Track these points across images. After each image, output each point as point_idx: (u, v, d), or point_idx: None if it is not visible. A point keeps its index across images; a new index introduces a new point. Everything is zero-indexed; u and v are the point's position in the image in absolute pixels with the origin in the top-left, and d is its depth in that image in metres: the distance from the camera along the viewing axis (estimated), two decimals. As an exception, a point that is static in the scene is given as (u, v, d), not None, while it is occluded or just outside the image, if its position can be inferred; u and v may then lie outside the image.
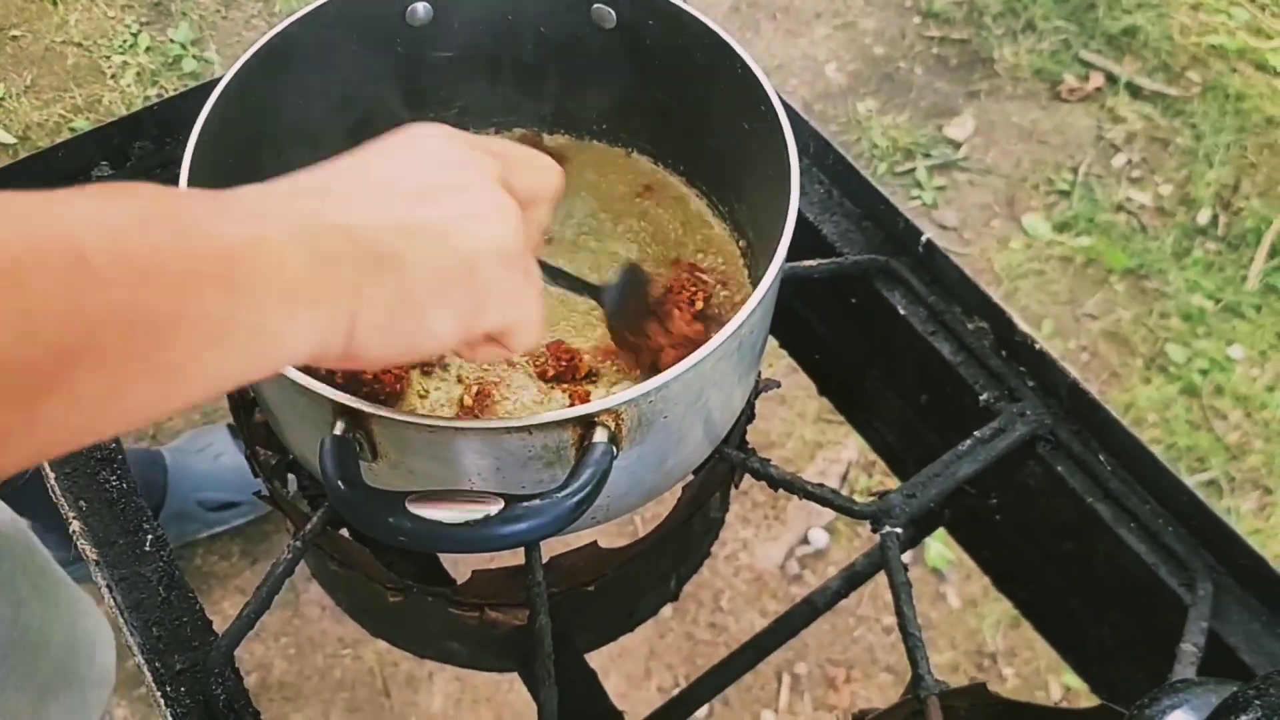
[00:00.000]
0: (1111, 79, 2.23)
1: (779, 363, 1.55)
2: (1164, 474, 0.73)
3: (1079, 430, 0.77)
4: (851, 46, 2.25)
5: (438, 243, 0.47)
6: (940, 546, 1.66)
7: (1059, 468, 0.76)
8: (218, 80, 0.68)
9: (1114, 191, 2.10)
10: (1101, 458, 0.76)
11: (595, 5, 0.76)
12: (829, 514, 1.70)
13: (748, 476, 0.79)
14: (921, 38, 2.27)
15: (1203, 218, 2.07)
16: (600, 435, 0.57)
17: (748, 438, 0.81)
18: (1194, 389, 1.88)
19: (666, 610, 1.60)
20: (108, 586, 0.68)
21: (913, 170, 2.08)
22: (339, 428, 0.57)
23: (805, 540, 1.68)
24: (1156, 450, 1.88)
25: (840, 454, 1.76)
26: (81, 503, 0.71)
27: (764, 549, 1.67)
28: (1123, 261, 2.01)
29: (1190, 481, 1.84)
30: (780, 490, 0.76)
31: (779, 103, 0.69)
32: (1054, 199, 2.08)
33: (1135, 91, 2.21)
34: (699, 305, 0.76)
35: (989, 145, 2.14)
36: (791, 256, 0.82)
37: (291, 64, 0.72)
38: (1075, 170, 2.11)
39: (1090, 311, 1.97)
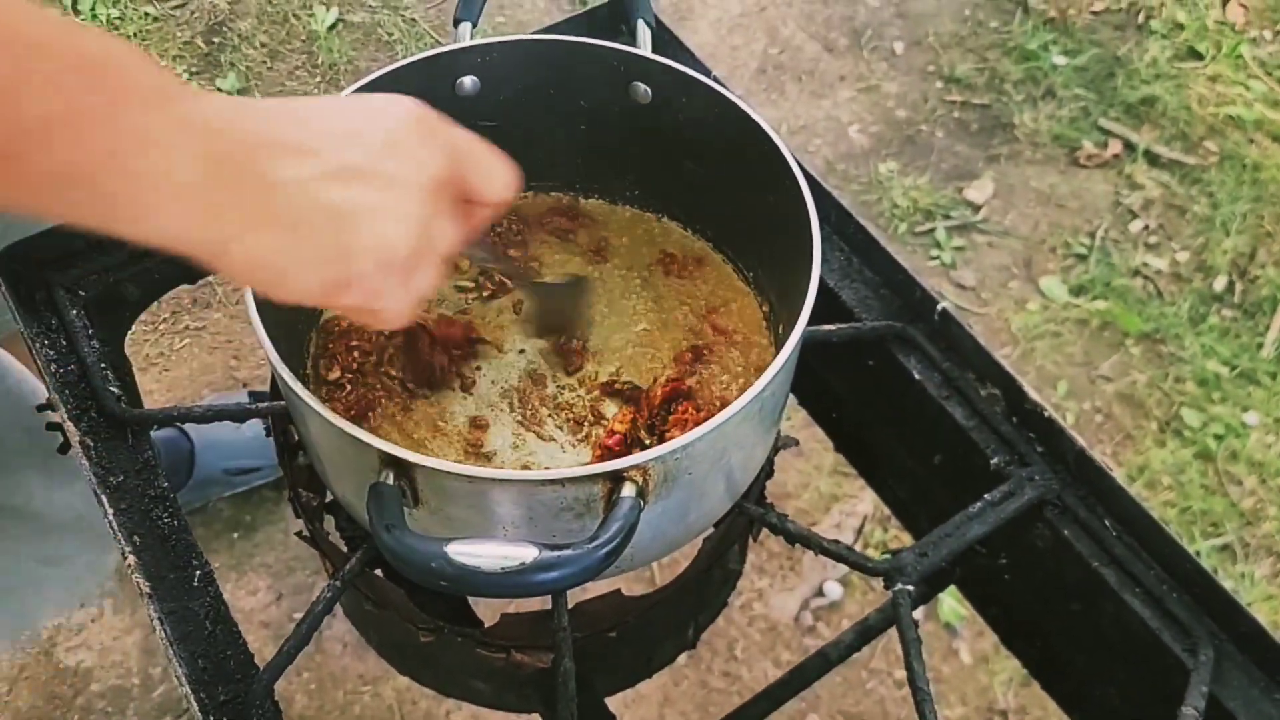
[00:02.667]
0: (1130, 146, 2.27)
1: (796, 415, 1.58)
2: (1168, 541, 0.76)
3: (1085, 496, 0.80)
4: (874, 109, 2.30)
5: (331, 225, 0.51)
6: (953, 602, 1.68)
7: (1065, 531, 0.79)
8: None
9: (1131, 257, 2.13)
10: (1107, 523, 0.79)
11: (632, 82, 0.81)
12: (844, 566, 1.73)
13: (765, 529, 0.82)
14: (943, 102, 2.32)
15: (1219, 285, 2.10)
16: (628, 490, 0.61)
17: (765, 487, 0.84)
18: (1209, 454, 1.90)
19: (681, 658, 1.63)
20: (158, 619, 0.71)
21: (932, 230, 2.13)
22: (386, 476, 0.61)
23: (820, 592, 1.70)
24: (1171, 514, 1.89)
25: (856, 507, 1.79)
26: (136, 538, 0.75)
27: (779, 600, 1.70)
28: (1138, 326, 2.04)
29: (1204, 546, 1.85)
30: (797, 545, 0.79)
31: (801, 175, 0.73)
32: (1071, 262, 2.11)
33: (1153, 159, 2.25)
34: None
35: (1008, 208, 2.18)
36: (812, 320, 0.87)
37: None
38: (1092, 235, 2.15)
39: (1105, 374, 1.99)
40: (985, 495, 0.79)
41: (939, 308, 0.85)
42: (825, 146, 2.24)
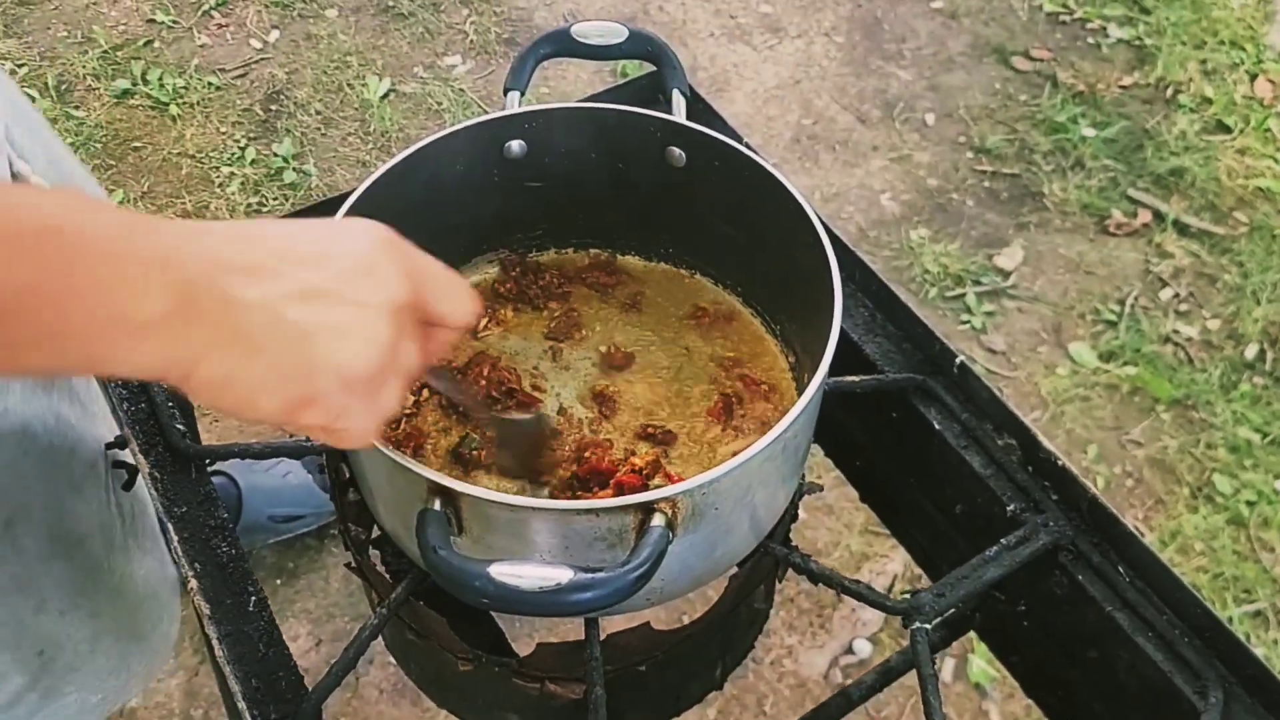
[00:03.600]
0: (1159, 216, 2.31)
1: (827, 475, 1.62)
2: (1179, 586, 0.79)
3: (1099, 542, 0.83)
4: (906, 178, 2.36)
5: (294, 344, 0.52)
6: (983, 663, 1.69)
7: (1080, 577, 0.82)
8: (343, 198, 0.80)
9: (1161, 324, 2.16)
10: (1120, 569, 0.82)
11: (668, 147, 0.87)
12: (874, 624, 1.75)
13: (794, 582, 0.86)
14: (974, 172, 2.38)
15: (1250, 353, 2.12)
16: (658, 520, 0.65)
17: (797, 544, 0.88)
18: (1241, 520, 1.90)
19: (711, 711, 1.65)
20: (217, 639, 0.76)
21: (963, 296, 2.17)
22: (434, 503, 0.65)
23: (850, 650, 1.72)
24: (1203, 580, 1.90)
25: (886, 566, 1.81)
26: (197, 564, 0.81)
27: (808, 656, 1.72)
28: (1169, 392, 2.06)
29: (1237, 613, 1.85)
30: (819, 585, 0.83)
31: (825, 234, 0.78)
32: (1101, 328, 2.14)
33: (1183, 229, 2.29)
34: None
35: (1037, 275, 2.22)
36: (837, 372, 0.91)
37: (407, 186, 0.83)
38: (1122, 302, 2.18)
39: (1136, 439, 2.01)
40: (1001, 540, 0.82)
41: (957, 361, 0.89)
42: (858, 213, 2.30)
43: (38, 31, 2.50)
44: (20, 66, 2.41)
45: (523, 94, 0.90)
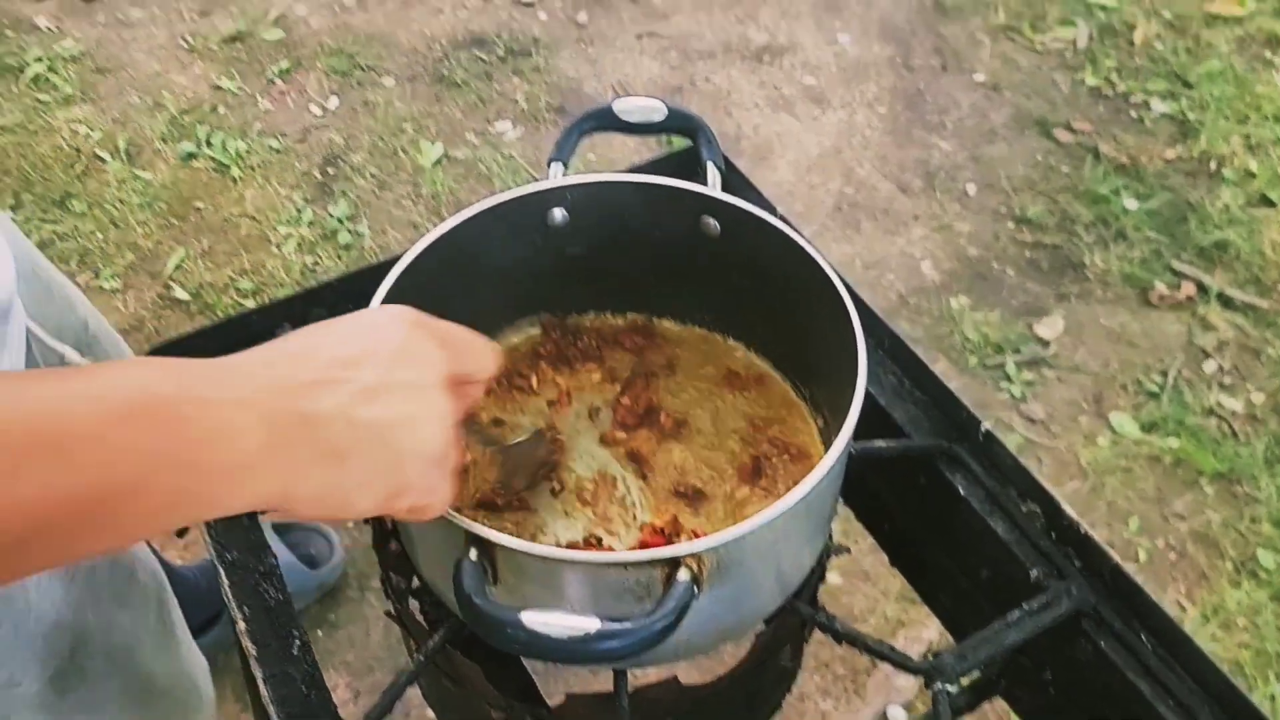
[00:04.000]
0: (1203, 289, 2.31)
1: (864, 541, 1.63)
2: (1200, 656, 0.80)
3: (1121, 609, 0.84)
4: (947, 247, 2.39)
5: (376, 442, 0.56)
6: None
7: (1102, 643, 0.83)
8: (392, 262, 0.85)
9: (1204, 396, 2.15)
10: (1143, 636, 0.83)
11: (703, 217, 0.91)
12: (908, 690, 1.74)
13: (829, 647, 0.88)
14: (1014, 241, 2.40)
15: (1295, 427, 2.11)
16: (684, 574, 0.68)
17: (834, 609, 0.90)
18: (1285, 596, 1.88)
19: (743, 775, 1.65)
20: (263, 680, 0.80)
21: (1002, 364, 2.18)
22: (472, 553, 0.69)
23: (884, 716, 1.71)
24: (1245, 656, 1.87)
25: (922, 634, 1.81)
26: (245, 608, 0.84)
27: (842, 721, 1.71)
28: (1213, 465, 2.05)
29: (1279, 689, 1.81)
30: (843, 644, 0.84)
31: (851, 304, 0.81)
32: (1142, 400, 2.14)
33: (1226, 302, 2.29)
34: None
35: (1078, 345, 2.23)
36: (866, 436, 0.94)
37: (453, 252, 0.88)
38: (1164, 373, 2.18)
39: (1179, 512, 2.00)
40: (1024, 604, 0.84)
41: (983, 428, 0.92)
42: (898, 281, 2.33)
43: (112, 97, 2.63)
44: (94, 130, 2.53)
45: (566, 165, 0.95)
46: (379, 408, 0.56)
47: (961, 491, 0.92)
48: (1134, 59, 2.79)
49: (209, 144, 2.51)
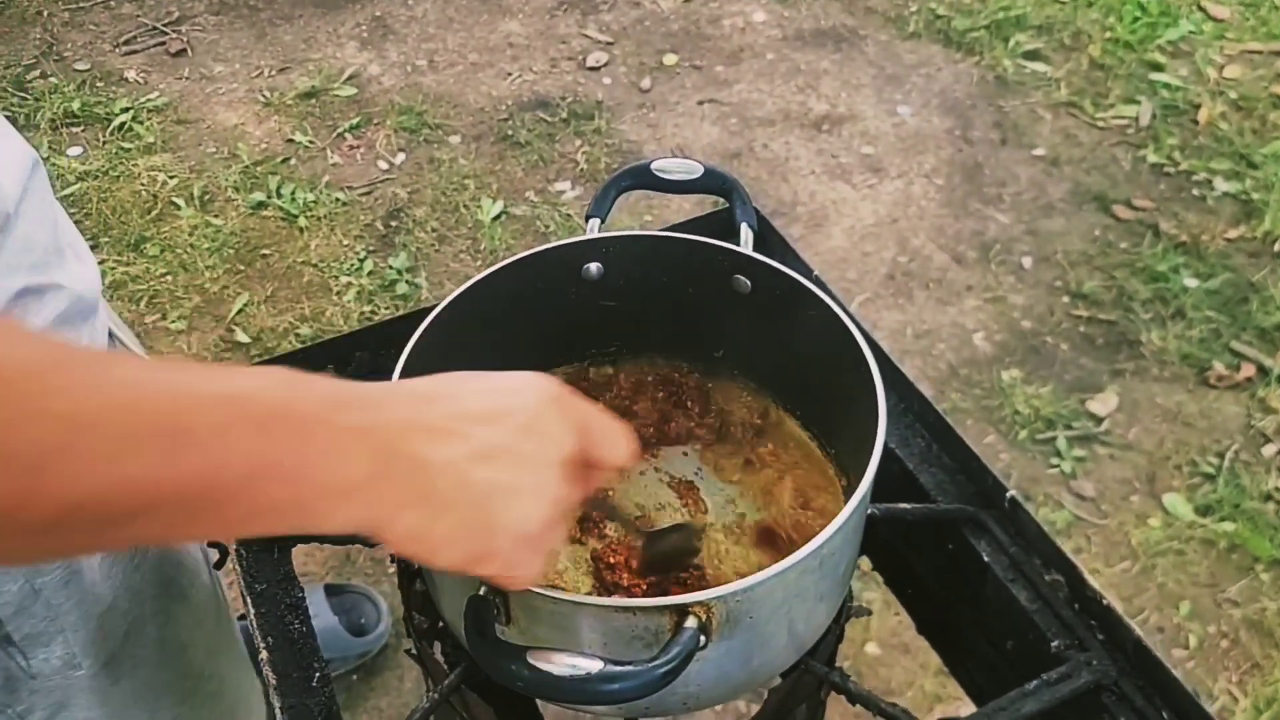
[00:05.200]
0: (1263, 370, 2.26)
1: (905, 614, 1.61)
2: (1223, 736, 0.78)
3: (1143, 685, 0.82)
4: (1000, 319, 2.38)
5: (475, 503, 0.56)
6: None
7: (1121, 718, 0.82)
8: (430, 309, 0.87)
9: (1263, 480, 2.10)
10: (1164, 714, 0.81)
11: (734, 275, 0.93)
12: (940, 766, 1.70)
13: (857, 714, 0.88)
14: (1069, 316, 2.38)
15: (1358, 516, 2.04)
16: (691, 622, 0.68)
17: (868, 680, 0.90)
18: (1343, 690, 1.81)
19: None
20: (280, 709, 0.81)
21: (1053, 439, 2.15)
22: (482, 589, 0.70)
23: (915, 793, 1.67)
24: (1301, 751, 1.79)
25: (960, 709, 1.77)
26: (270, 638, 0.86)
27: (873, 796, 1.68)
28: (1270, 551, 1.99)
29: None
30: (858, 706, 0.84)
31: (876, 369, 0.82)
32: (1198, 481, 2.09)
33: (1287, 385, 2.24)
34: None
35: (1132, 423, 2.19)
36: (891, 499, 0.94)
37: (488, 301, 0.91)
38: (1221, 455, 2.13)
39: (1233, 598, 1.94)
40: (1043, 675, 0.83)
41: (1008, 495, 0.91)
42: (949, 351, 2.32)
43: (190, 147, 2.74)
44: (171, 178, 2.64)
45: (603, 221, 0.98)
46: (491, 471, 0.56)
47: (986, 558, 0.92)
48: (1198, 138, 2.77)
49: (279, 194, 2.59)
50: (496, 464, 0.57)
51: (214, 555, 1.02)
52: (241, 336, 2.29)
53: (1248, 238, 2.53)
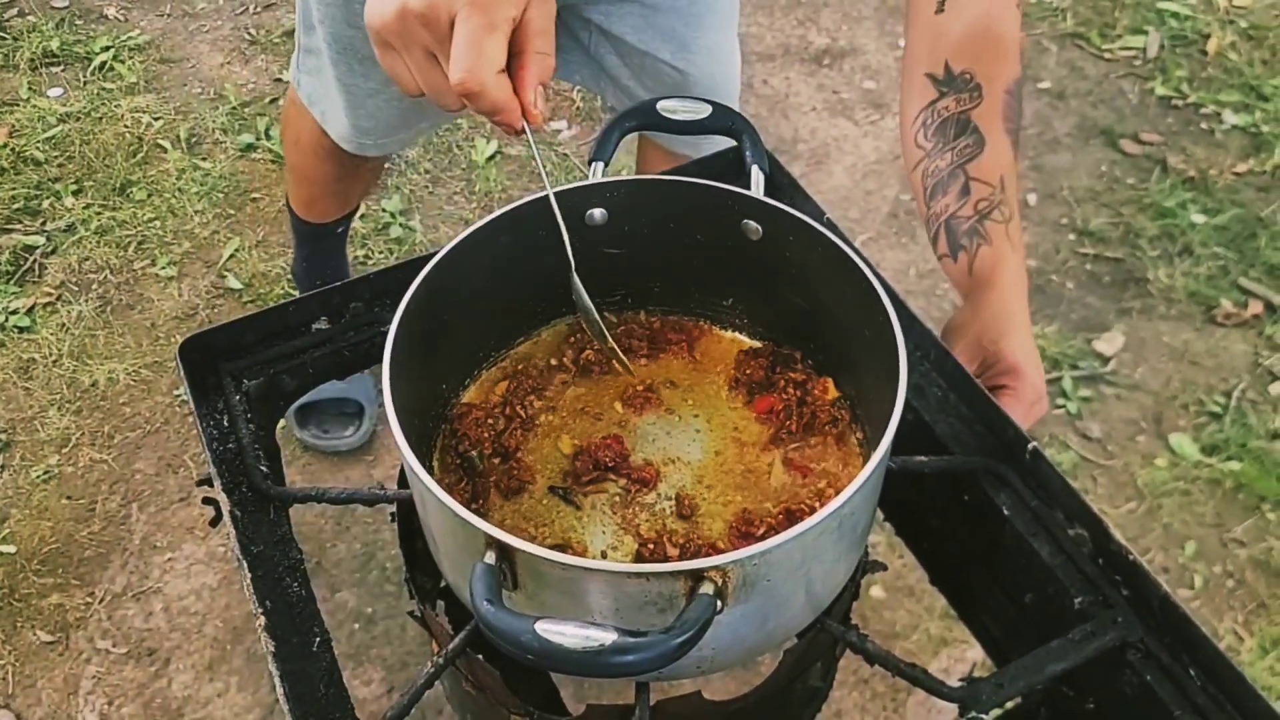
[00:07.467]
0: (1271, 308, 2.23)
1: (908, 555, 1.59)
2: (1250, 693, 0.76)
3: (1169, 642, 0.80)
4: (1005, 257, 2.33)
5: None
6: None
7: (1148, 676, 0.79)
8: (427, 259, 0.83)
9: (1270, 419, 2.08)
10: (1191, 671, 0.79)
11: (744, 220, 0.89)
12: (949, 711, 1.69)
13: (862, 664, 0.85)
14: (1075, 254, 2.34)
15: (1365, 454, 2.02)
16: (707, 588, 0.65)
17: (876, 624, 0.87)
18: (1349, 629, 1.80)
19: (775, 790, 1.61)
20: (279, 676, 0.79)
21: (1059, 379, 2.12)
22: (490, 557, 0.67)
23: (922, 737, 1.67)
24: (1306, 690, 1.79)
25: (965, 653, 1.76)
26: (268, 602, 0.84)
27: (879, 741, 1.67)
28: (1276, 491, 1.97)
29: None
30: (875, 666, 0.82)
31: (894, 311, 0.78)
32: (1204, 420, 2.07)
33: (1296, 321, 2.21)
34: None
35: (1138, 362, 2.16)
36: (907, 451, 0.91)
37: (488, 250, 0.87)
38: (1228, 394, 2.11)
39: (1239, 538, 1.93)
40: (1068, 634, 0.80)
41: (1030, 446, 0.88)
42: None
43: (175, 87, 2.66)
44: (156, 119, 2.57)
45: (607, 164, 0.93)
46: None
47: (1005, 512, 0.88)
48: (1206, 69, 2.71)
49: (268, 136, 2.53)
50: None
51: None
52: (233, 282, 2.24)
53: (1257, 172, 2.48)
